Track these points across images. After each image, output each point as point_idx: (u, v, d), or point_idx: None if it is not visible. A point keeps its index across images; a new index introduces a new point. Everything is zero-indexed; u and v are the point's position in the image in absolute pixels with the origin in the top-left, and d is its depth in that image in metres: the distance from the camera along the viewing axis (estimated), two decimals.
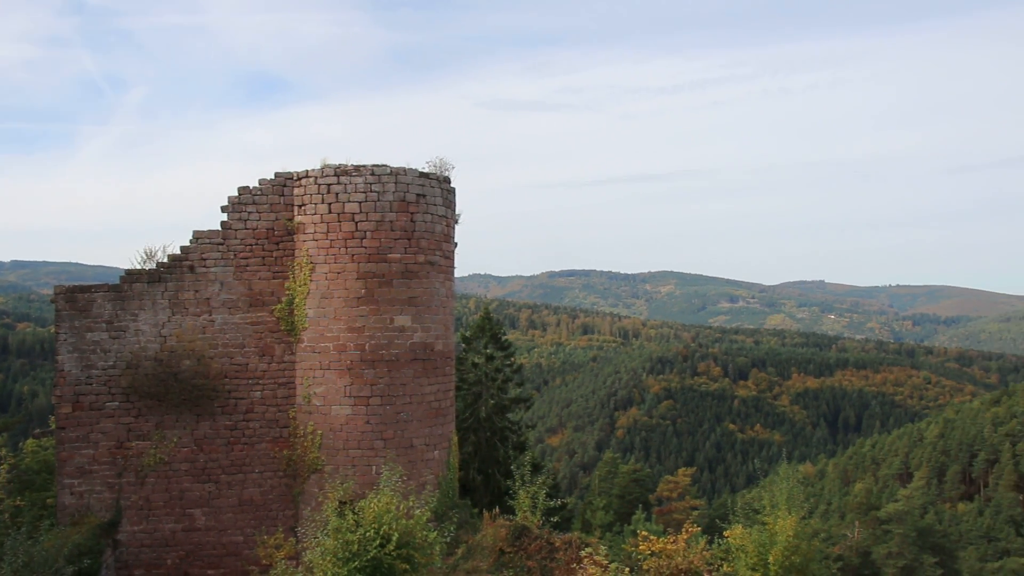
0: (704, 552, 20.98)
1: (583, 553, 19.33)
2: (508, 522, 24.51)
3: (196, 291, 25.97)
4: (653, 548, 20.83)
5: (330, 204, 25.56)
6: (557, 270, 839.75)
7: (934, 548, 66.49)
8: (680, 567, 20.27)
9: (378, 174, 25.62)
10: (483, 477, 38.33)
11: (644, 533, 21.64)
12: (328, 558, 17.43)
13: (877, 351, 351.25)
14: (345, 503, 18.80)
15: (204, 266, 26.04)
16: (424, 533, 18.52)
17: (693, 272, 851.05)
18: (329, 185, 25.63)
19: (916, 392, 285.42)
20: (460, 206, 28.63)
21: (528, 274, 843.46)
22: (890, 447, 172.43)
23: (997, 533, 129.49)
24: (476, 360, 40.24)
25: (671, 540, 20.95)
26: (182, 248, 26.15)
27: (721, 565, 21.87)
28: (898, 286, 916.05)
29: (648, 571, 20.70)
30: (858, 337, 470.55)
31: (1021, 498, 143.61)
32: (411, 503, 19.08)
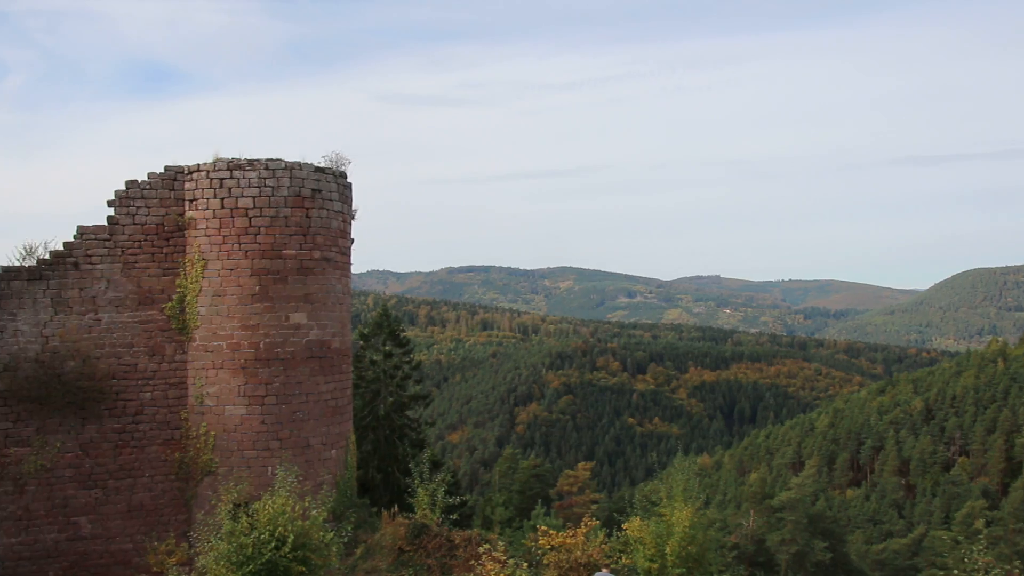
0: (603, 545, 21.13)
1: (481, 549, 19.25)
2: (407, 520, 24.31)
3: (81, 289, 24.96)
4: (553, 543, 20.88)
5: (223, 199, 24.89)
6: (457, 266, 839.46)
7: (824, 533, 68.48)
8: (579, 560, 20.36)
9: (272, 168, 25.07)
10: (382, 476, 37.98)
11: (544, 528, 21.65)
12: (222, 563, 16.98)
13: (771, 344, 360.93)
14: (239, 505, 18.35)
15: (89, 263, 25.05)
16: (321, 534, 18.21)
17: (592, 268, 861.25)
18: (222, 179, 24.95)
19: (808, 383, 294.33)
20: (357, 202, 28.27)
21: (427, 270, 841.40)
22: (783, 437, 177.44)
23: (882, 516, 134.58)
24: (374, 357, 39.83)
25: (570, 534, 21.04)
26: (65, 244, 25.09)
27: (620, 557, 22.06)
28: (790, 281, 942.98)
29: (548, 565, 20.75)
30: (753, 331, 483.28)
31: (903, 482, 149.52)
32: (307, 504, 18.73)
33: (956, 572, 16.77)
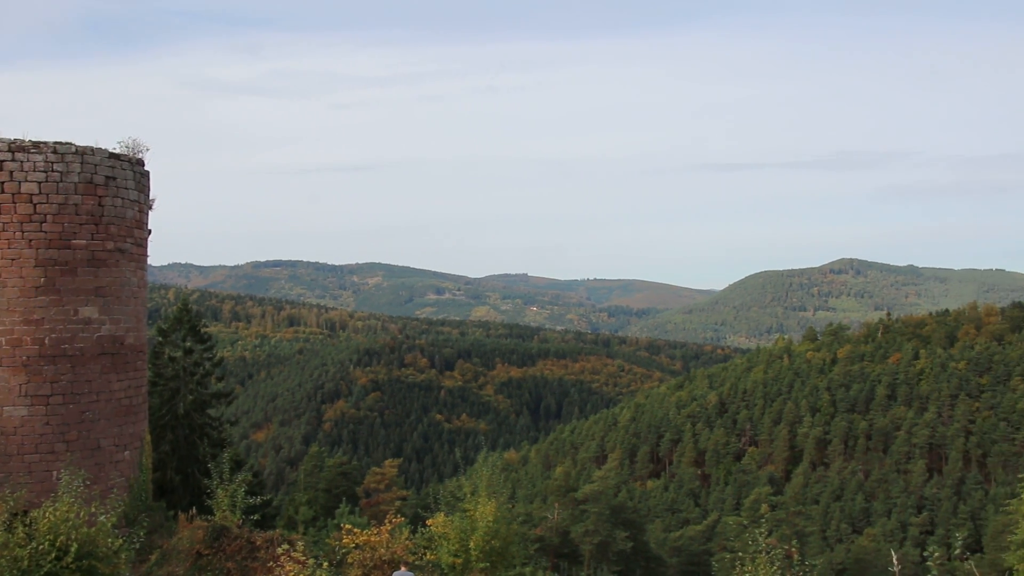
0: (407, 542, 21.03)
1: (280, 550, 18.74)
2: (206, 523, 23.41)
3: None
4: (357, 541, 20.61)
5: (3, 183, 23.14)
6: (263, 260, 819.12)
7: (626, 523, 70.71)
8: (384, 558, 20.19)
9: (61, 152, 23.52)
10: (181, 477, 36.46)
11: (348, 526, 21.34)
12: None
13: (576, 341, 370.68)
14: (17, 515, 17.12)
15: None
16: (109, 541, 17.23)
17: (401, 264, 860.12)
18: (2, 162, 23.19)
19: (611, 379, 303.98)
20: (156, 191, 26.94)
21: (232, 264, 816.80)
22: (587, 432, 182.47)
23: (679, 505, 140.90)
24: (173, 354, 38.14)
25: (375, 532, 20.83)
26: None
27: (424, 553, 22.02)
28: (595, 280, 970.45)
29: (352, 564, 20.46)
30: (558, 328, 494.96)
31: (699, 472, 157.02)
32: (95, 509, 17.69)
33: (742, 554, 17.61)
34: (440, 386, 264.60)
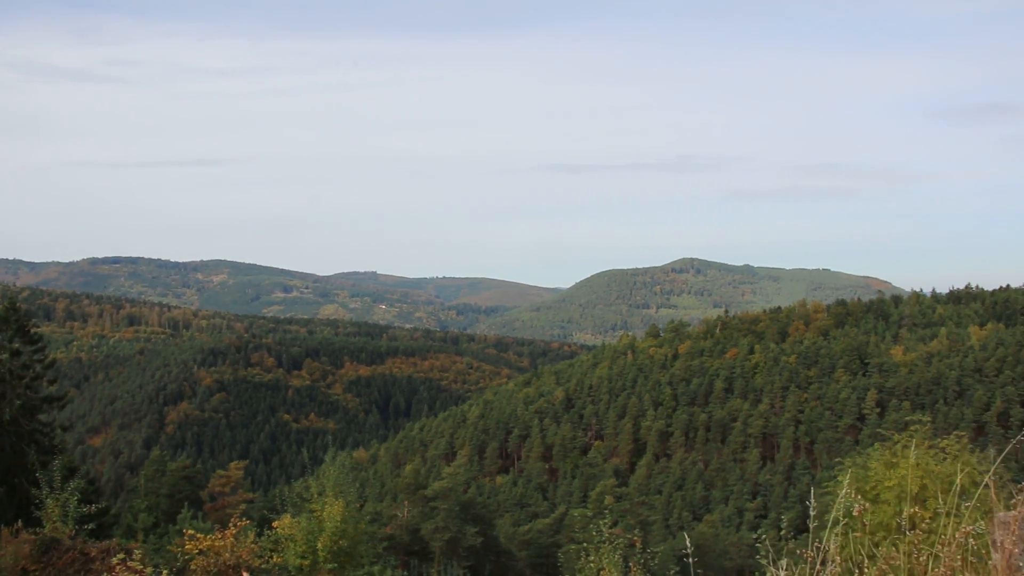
0: (252, 545, 20.61)
1: (115, 560, 18.07)
2: (34, 536, 22.27)
3: None
4: (200, 547, 20.06)
5: None
6: (101, 257, 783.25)
7: (476, 519, 71.31)
8: (228, 563, 19.72)
9: None
10: (7, 488, 34.57)
11: (190, 532, 20.72)
12: None
13: (425, 339, 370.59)
14: None
15: None
16: None
17: (247, 261, 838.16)
18: None
19: (460, 377, 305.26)
20: None
21: (67, 260, 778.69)
22: (437, 429, 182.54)
23: (528, 500, 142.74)
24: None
25: (219, 536, 20.32)
26: None
27: (271, 556, 21.63)
28: (444, 278, 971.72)
29: (195, 571, 19.90)
30: (407, 326, 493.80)
31: (547, 467, 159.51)
32: None
33: (587, 545, 18.05)
34: (288, 385, 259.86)
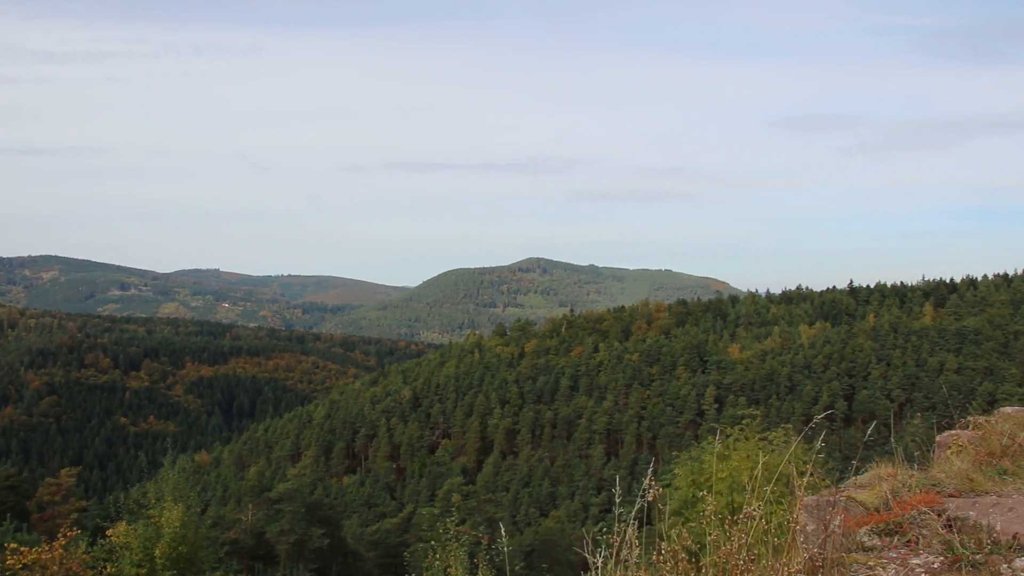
0: (84, 556, 19.77)
1: None
2: None
3: None
4: (24, 560, 19.08)
5: None
6: None
7: (322, 520, 70.27)
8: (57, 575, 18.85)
9: None
10: None
11: (14, 545, 19.68)
12: None
13: (269, 338, 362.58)
14: None
15: None
16: None
17: (81, 257, 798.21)
18: None
19: (306, 376, 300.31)
20: None
21: None
22: (282, 430, 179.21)
23: (376, 500, 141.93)
24: None
25: (46, 548, 19.38)
26: None
27: (104, 567, 20.79)
28: (290, 276, 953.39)
29: None
30: (252, 325, 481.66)
31: (395, 466, 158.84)
32: None
33: (434, 543, 18.16)
34: (125, 387, 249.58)
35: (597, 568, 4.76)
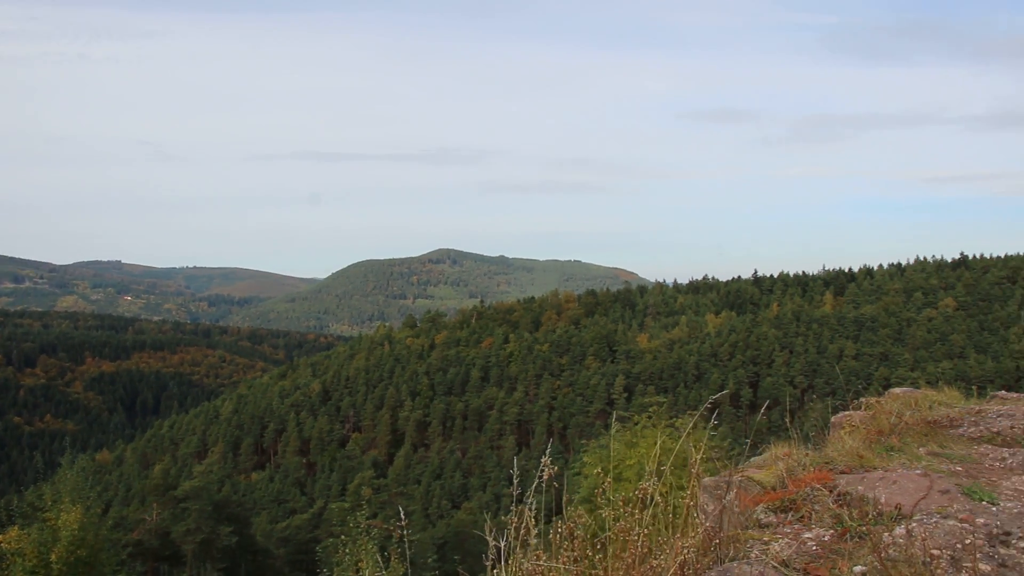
0: None
1: None
2: None
3: None
4: None
5: None
6: None
7: (230, 518, 68.89)
8: None
9: None
10: None
11: None
12: None
13: (174, 332, 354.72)
14: None
15: None
16: None
17: None
18: None
19: (212, 371, 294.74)
20: None
21: None
22: (188, 426, 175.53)
23: (285, 495, 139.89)
24: None
25: None
26: None
27: None
28: (195, 268, 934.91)
29: None
30: (155, 318, 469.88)
31: (304, 461, 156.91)
32: None
33: (344, 537, 17.98)
34: (19, 385, 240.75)
35: (499, 551, 4.76)
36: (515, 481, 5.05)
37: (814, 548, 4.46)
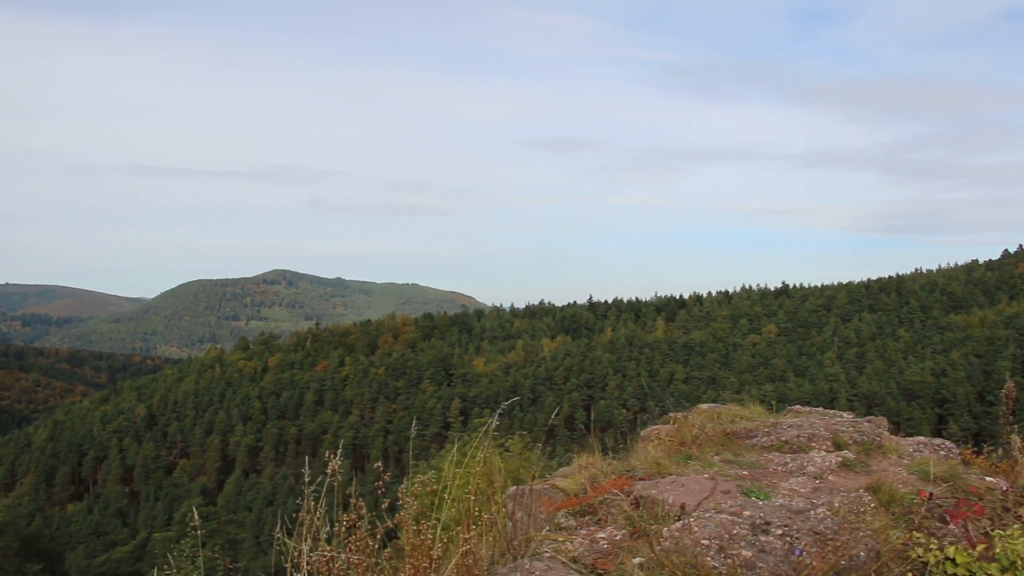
0: None
1: None
2: None
3: None
4: None
5: None
6: None
7: (40, 554, 65.15)
8: None
9: None
10: None
11: None
12: None
13: None
14: None
15: None
16: None
17: None
18: None
19: (25, 395, 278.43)
20: None
21: None
22: None
23: (106, 527, 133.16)
24: None
25: None
26: None
27: None
28: (8, 285, 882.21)
29: None
30: None
31: (127, 490, 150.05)
32: None
33: (167, 569, 17.40)
34: None
35: (287, 545, 4.84)
36: (307, 479, 5.12)
37: (605, 546, 4.82)
